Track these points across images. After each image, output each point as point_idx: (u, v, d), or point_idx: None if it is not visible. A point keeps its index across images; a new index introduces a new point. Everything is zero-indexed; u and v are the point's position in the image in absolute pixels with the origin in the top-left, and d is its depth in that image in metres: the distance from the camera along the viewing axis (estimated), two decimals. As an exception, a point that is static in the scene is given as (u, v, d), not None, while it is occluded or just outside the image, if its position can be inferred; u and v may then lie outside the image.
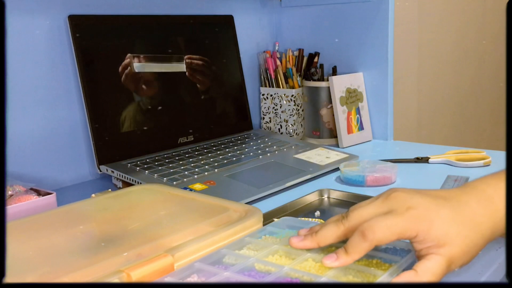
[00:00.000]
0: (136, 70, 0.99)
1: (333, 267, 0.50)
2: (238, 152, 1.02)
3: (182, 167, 0.92)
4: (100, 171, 0.92)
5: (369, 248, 0.49)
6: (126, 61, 0.97)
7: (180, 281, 0.49)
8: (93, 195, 0.73)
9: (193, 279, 0.49)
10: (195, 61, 1.09)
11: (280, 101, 1.23)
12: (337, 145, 1.17)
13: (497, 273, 0.56)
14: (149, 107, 1.01)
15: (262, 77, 1.28)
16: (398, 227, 0.48)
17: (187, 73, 1.08)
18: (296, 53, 1.27)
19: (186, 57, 1.08)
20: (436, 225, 0.48)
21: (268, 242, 0.56)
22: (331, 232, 0.52)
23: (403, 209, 0.50)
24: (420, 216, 0.49)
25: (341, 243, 0.52)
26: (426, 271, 0.47)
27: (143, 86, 1.00)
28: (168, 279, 0.49)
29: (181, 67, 1.07)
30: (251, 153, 1.02)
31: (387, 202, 0.51)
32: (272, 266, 0.51)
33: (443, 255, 0.48)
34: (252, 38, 1.28)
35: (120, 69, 0.96)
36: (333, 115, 1.17)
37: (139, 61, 0.99)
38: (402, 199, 0.51)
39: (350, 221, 0.51)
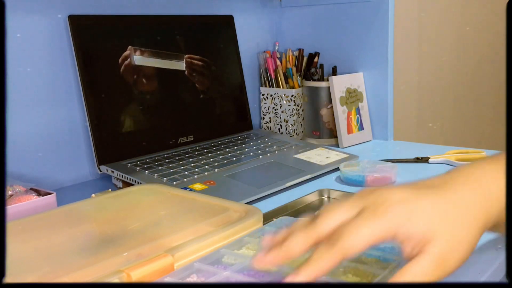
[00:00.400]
0: (136, 63, 0.99)
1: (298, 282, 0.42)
2: (238, 152, 1.02)
3: (182, 167, 0.92)
4: (100, 171, 0.92)
5: (337, 259, 0.41)
6: (127, 52, 0.97)
7: (180, 281, 0.49)
8: (93, 195, 0.73)
9: (193, 279, 0.49)
10: (195, 61, 1.09)
11: (280, 101, 1.23)
12: (337, 145, 1.17)
13: (497, 273, 0.56)
14: (149, 107, 1.01)
15: (262, 77, 1.28)
16: (371, 229, 0.41)
17: (186, 72, 1.08)
18: (296, 53, 1.27)
19: (186, 56, 1.08)
20: (415, 219, 0.42)
21: (267, 242, 0.56)
22: (300, 241, 0.43)
23: (376, 205, 0.43)
24: (395, 211, 0.42)
25: None
26: (407, 274, 0.40)
27: (143, 80, 1.00)
28: (168, 279, 0.49)
29: (181, 65, 1.07)
30: (251, 153, 1.02)
31: (359, 200, 0.44)
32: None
33: (428, 254, 0.41)
34: (252, 38, 1.28)
35: (120, 60, 0.96)
36: (333, 115, 1.17)
37: (140, 54, 0.99)
38: (375, 195, 0.44)
39: (320, 225, 0.44)
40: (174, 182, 0.85)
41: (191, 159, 0.96)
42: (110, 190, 0.76)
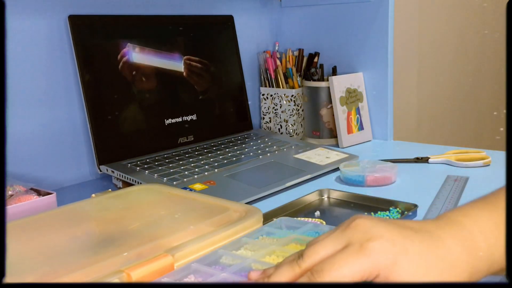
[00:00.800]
0: (135, 60, 0.99)
1: None
2: (238, 152, 1.02)
3: (182, 167, 0.92)
4: (100, 171, 0.92)
5: None
6: (126, 51, 0.97)
7: (177, 281, 0.49)
8: (93, 195, 0.73)
9: (190, 279, 0.49)
10: (194, 63, 1.09)
11: (280, 101, 1.23)
12: (337, 145, 1.17)
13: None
14: (149, 107, 1.01)
15: (262, 77, 1.28)
16: (354, 266, 0.40)
17: (184, 73, 1.08)
18: (296, 53, 1.27)
19: (185, 58, 1.08)
20: (401, 263, 0.41)
21: (265, 243, 0.56)
22: (285, 275, 0.44)
23: (363, 241, 0.42)
24: (382, 250, 0.41)
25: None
26: None
27: (143, 80, 1.00)
28: (165, 280, 0.49)
29: (180, 66, 1.07)
30: (251, 153, 1.02)
31: (346, 233, 0.44)
32: (269, 266, 0.51)
33: None
34: (252, 38, 1.28)
35: (119, 56, 0.96)
36: (333, 115, 1.17)
37: (140, 54, 0.99)
38: (363, 229, 0.43)
39: (305, 260, 0.43)
40: (174, 182, 0.85)
41: (191, 159, 0.96)
42: (110, 190, 0.76)
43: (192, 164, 0.94)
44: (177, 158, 0.97)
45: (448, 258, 0.42)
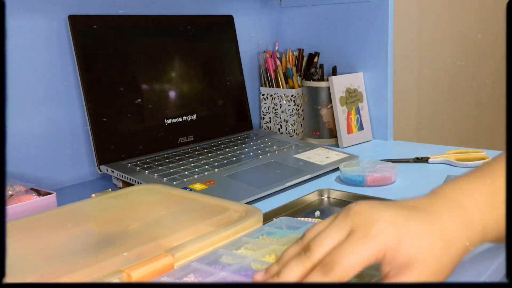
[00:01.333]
0: (135, 60, 0.99)
1: None
2: (238, 152, 1.02)
3: (182, 167, 0.92)
4: (100, 171, 0.92)
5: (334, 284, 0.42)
6: (125, 49, 0.98)
7: (177, 281, 0.49)
8: (93, 195, 0.73)
9: (190, 279, 0.49)
10: (193, 65, 1.09)
11: (280, 101, 1.23)
12: (337, 145, 1.17)
13: (497, 273, 0.56)
14: (149, 107, 1.01)
15: (262, 77, 1.28)
16: (363, 253, 0.42)
17: (184, 74, 1.08)
18: (296, 53, 1.27)
19: (185, 58, 1.08)
20: (405, 241, 0.42)
21: (266, 242, 0.56)
22: (296, 271, 0.44)
23: (366, 226, 0.43)
24: (385, 232, 0.42)
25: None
26: None
27: (143, 80, 1.00)
28: (165, 278, 0.49)
29: (180, 66, 1.07)
30: (251, 153, 1.02)
31: (347, 220, 0.45)
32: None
33: (406, 277, 0.42)
34: (252, 38, 1.28)
35: (119, 56, 0.97)
36: (333, 115, 1.17)
37: (139, 51, 0.99)
38: (364, 214, 0.44)
39: (313, 253, 0.44)
40: (174, 182, 0.85)
41: (191, 159, 0.96)
42: (110, 190, 0.76)
43: (192, 164, 0.94)
44: (177, 158, 0.97)
45: (445, 233, 0.44)
